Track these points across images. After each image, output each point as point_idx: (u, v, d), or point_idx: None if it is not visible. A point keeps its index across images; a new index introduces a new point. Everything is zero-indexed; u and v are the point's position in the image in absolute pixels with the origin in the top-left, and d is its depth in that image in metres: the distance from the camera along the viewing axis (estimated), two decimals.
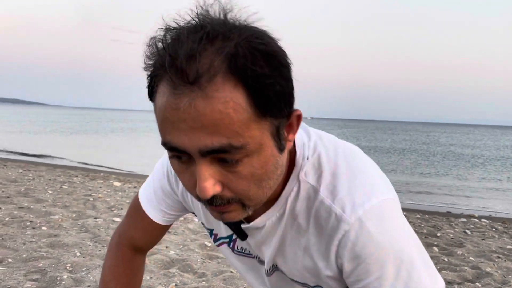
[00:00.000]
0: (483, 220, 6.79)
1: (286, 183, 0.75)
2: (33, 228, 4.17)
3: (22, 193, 5.81)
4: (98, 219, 4.68)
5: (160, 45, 0.60)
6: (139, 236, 1.02)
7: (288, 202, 0.75)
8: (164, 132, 0.62)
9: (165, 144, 0.63)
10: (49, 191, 6.14)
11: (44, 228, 4.20)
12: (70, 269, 3.15)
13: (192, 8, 0.62)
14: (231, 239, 0.90)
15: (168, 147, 0.63)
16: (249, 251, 0.89)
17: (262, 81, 0.59)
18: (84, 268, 3.20)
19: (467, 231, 5.77)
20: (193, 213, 0.96)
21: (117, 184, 7.38)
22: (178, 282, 3.10)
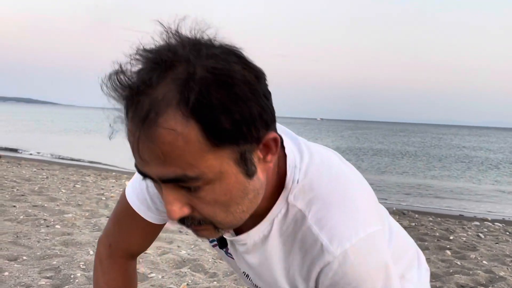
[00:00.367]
0: (496, 223, 6.70)
1: (275, 203, 0.75)
2: (47, 226, 4.22)
3: (36, 192, 5.88)
4: None
5: (121, 76, 0.60)
6: (135, 241, 0.97)
7: (274, 223, 0.76)
8: (133, 157, 0.64)
9: (136, 167, 0.65)
10: (62, 190, 6.21)
11: (57, 226, 4.25)
12: (84, 267, 3.18)
13: (165, 26, 0.62)
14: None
15: (138, 171, 0.65)
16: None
17: (216, 112, 0.58)
18: None
19: (480, 234, 5.70)
20: None
21: None
22: (189, 281, 3.12)
